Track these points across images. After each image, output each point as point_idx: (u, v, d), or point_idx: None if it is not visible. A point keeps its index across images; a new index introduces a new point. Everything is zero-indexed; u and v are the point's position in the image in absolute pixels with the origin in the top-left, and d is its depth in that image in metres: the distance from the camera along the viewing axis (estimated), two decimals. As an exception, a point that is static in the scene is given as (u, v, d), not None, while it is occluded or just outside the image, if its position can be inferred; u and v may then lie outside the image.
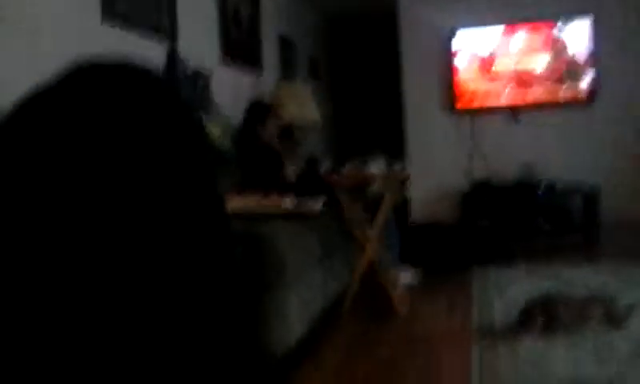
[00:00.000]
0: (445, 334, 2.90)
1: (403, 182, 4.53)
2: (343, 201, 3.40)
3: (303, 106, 4.56)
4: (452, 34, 5.44)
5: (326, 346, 2.82)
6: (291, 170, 3.81)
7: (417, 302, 3.48)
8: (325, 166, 4.47)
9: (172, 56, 3.41)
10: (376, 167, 3.43)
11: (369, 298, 3.49)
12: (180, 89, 3.39)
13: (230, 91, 4.20)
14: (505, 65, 5.39)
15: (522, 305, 2.81)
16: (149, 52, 3.25)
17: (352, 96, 7.68)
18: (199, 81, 3.66)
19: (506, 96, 5.40)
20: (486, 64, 5.42)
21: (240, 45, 4.52)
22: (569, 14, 5.23)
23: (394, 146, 5.15)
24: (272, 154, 3.74)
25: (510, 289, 3.50)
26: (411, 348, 2.73)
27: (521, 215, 4.88)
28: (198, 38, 3.84)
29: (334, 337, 2.96)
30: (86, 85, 0.62)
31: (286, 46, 5.62)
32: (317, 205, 3.07)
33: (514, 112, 5.40)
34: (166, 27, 3.41)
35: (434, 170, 5.59)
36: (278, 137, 3.87)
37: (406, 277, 3.87)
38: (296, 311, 2.57)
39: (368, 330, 3.04)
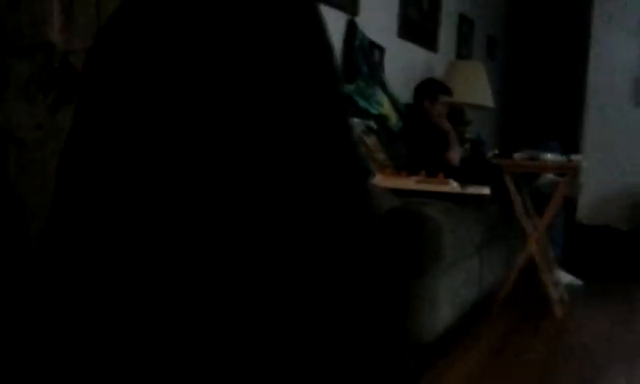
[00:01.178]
0: (605, 348, 2.70)
1: (576, 177, 4.24)
2: (511, 188, 3.25)
3: (476, 87, 4.41)
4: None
5: (474, 340, 2.75)
6: (456, 153, 3.70)
7: (576, 308, 3.27)
8: (492, 151, 4.31)
9: (351, 26, 3.45)
10: (553, 156, 3.23)
11: (525, 294, 3.33)
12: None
13: (403, 67, 4.17)
14: None
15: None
16: (330, 20, 3.30)
17: (527, 80, 7.28)
18: (375, 53, 3.67)
19: None
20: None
21: (418, 21, 4.45)
22: None
23: (566, 138, 4.80)
24: (438, 134, 3.66)
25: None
26: (564, 355, 2.58)
27: None
28: (378, 12, 3.84)
29: (483, 331, 2.87)
30: None
31: (464, 23, 5.45)
32: (484, 188, 2.96)
33: None
34: (348, -1, 3.46)
35: (613, 168, 5.14)
36: (446, 116, 3.78)
37: (568, 277, 3.65)
38: (448, 298, 2.52)
39: (519, 329, 2.92)
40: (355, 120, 3.02)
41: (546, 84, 7.16)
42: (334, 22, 3.37)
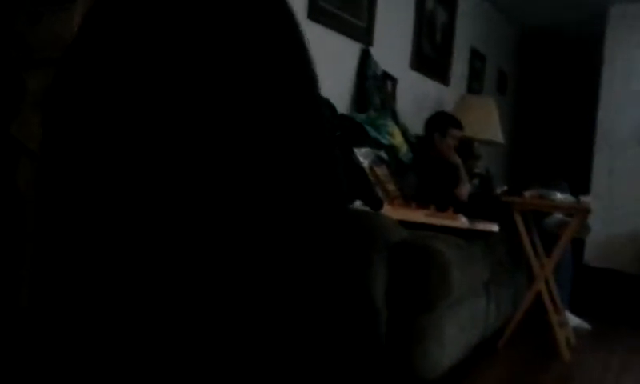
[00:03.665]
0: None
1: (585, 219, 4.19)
2: (520, 226, 3.21)
3: (487, 122, 4.40)
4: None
5: (479, 377, 2.69)
6: (465, 188, 3.67)
7: (584, 351, 3.21)
8: (500, 187, 4.28)
9: (364, 56, 3.46)
10: (563, 196, 3.19)
11: (532, 335, 3.27)
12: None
13: (415, 99, 4.17)
14: None
15: None
16: (344, 50, 3.31)
17: (536, 116, 7.29)
18: (387, 84, 3.67)
19: None
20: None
21: (431, 54, 4.46)
22: None
23: (574, 178, 4.76)
24: (448, 168, 3.64)
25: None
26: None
27: None
28: (391, 43, 3.85)
29: (489, 369, 2.82)
30: None
31: (476, 57, 5.46)
32: (494, 225, 2.92)
33: None
34: (363, 29, 3.46)
35: (621, 212, 5.10)
36: (456, 150, 3.75)
37: (576, 320, 3.59)
38: (454, 334, 2.47)
39: (525, 368, 2.86)
40: (366, 150, 3.01)
41: (554, 122, 7.16)
42: (348, 51, 3.37)
